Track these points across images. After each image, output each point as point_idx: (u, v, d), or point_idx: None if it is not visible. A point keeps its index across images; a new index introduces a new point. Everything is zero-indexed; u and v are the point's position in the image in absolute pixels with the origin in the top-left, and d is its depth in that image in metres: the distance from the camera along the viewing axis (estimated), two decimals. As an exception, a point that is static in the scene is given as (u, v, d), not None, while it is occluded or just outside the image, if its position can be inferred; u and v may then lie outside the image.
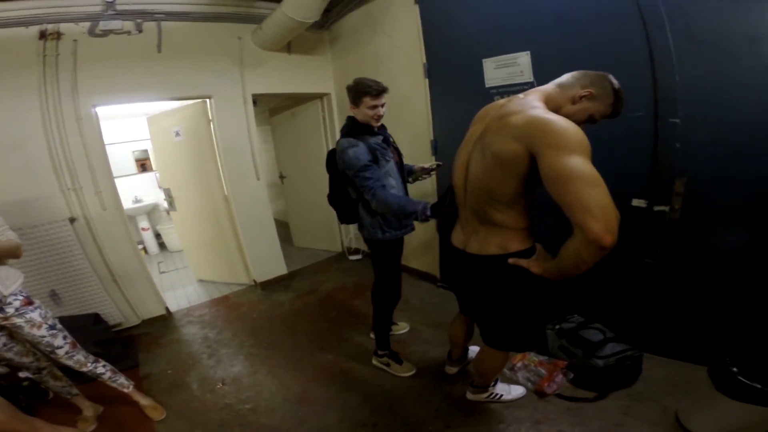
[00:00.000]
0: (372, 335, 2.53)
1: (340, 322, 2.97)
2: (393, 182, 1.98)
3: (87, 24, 2.79)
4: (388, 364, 2.33)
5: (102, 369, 2.02)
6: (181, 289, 4.12)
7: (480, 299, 1.57)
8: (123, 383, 2.10)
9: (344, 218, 2.19)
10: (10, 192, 2.66)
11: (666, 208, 1.88)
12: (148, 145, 5.33)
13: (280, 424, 2.01)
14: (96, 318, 2.88)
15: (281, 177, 4.90)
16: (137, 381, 2.40)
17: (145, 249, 5.41)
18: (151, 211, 5.59)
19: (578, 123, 1.18)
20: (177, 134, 3.68)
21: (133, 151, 5.44)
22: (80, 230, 2.93)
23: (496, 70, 2.41)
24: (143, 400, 2.16)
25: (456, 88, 2.73)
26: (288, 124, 4.55)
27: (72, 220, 2.89)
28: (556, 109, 1.23)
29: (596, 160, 1.05)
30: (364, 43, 3.44)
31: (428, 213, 1.66)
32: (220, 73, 3.35)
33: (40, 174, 2.78)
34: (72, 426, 2.00)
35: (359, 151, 1.83)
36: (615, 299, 2.22)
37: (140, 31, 2.97)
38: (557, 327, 2.22)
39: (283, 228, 5.08)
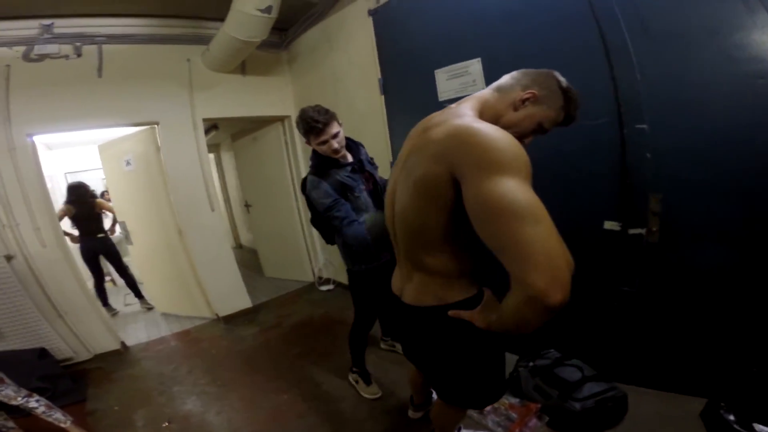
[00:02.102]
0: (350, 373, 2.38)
1: (303, 358, 2.75)
2: (364, 218, 1.85)
3: (21, 48, 2.64)
4: (357, 381, 2.29)
5: (35, 403, 1.95)
6: (143, 322, 3.87)
7: (421, 354, 1.30)
8: (59, 418, 2.01)
9: (329, 239, 2.14)
10: None
11: (642, 231, 1.69)
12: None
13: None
14: (41, 352, 2.70)
15: (246, 205, 4.72)
16: (82, 416, 2.29)
17: (113, 281, 5.11)
18: (119, 243, 5.35)
19: (525, 134, 1.01)
20: (128, 163, 3.49)
21: (102, 179, 5.16)
22: (18, 267, 2.71)
23: (448, 81, 2.27)
24: (82, 436, 2.00)
25: (411, 103, 2.57)
26: (250, 150, 4.38)
27: (9, 258, 2.66)
28: (495, 119, 0.99)
29: (560, 176, 0.81)
30: (321, 61, 3.32)
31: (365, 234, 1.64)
32: (168, 97, 3.20)
33: None
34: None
35: (322, 193, 1.78)
36: (593, 332, 2.01)
37: (79, 55, 2.83)
38: (531, 364, 2.00)
39: (255, 257, 4.89)
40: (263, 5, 2.40)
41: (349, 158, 1.88)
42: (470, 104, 1.02)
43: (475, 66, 2.12)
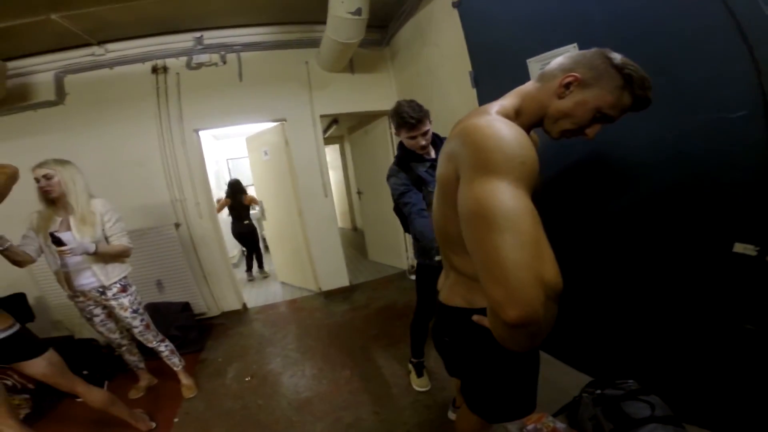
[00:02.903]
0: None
1: (376, 341, 2.92)
2: None
3: (184, 58, 3.43)
4: (410, 372, 2.37)
5: (163, 348, 2.42)
6: (264, 288, 4.65)
7: (448, 354, 1.28)
8: (175, 362, 2.48)
9: (406, 228, 2.20)
10: (134, 200, 3.41)
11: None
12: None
13: (269, 424, 2.11)
14: (184, 306, 3.43)
15: (359, 193, 5.13)
16: (194, 363, 2.84)
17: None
18: (260, 218, 6.42)
19: (582, 123, 0.90)
20: (265, 153, 4.19)
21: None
22: (182, 234, 3.56)
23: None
24: (184, 380, 2.51)
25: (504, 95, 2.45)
26: (362, 142, 4.73)
27: (177, 225, 3.53)
28: (540, 111, 0.93)
29: (680, 184, 0.70)
30: (416, 56, 3.38)
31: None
32: (292, 96, 3.69)
33: (156, 187, 3.49)
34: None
35: (398, 181, 1.87)
36: (692, 369, 1.64)
37: (224, 63, 3.51)
38: (598, 392, 1.76)
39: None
40: (353, 8, 2.58)
41: (432, 154, 1.93)
42: (505, 100, 0.96)
43: (570, 53, 1.91)
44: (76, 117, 3.32)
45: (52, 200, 2.01)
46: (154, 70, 3.38)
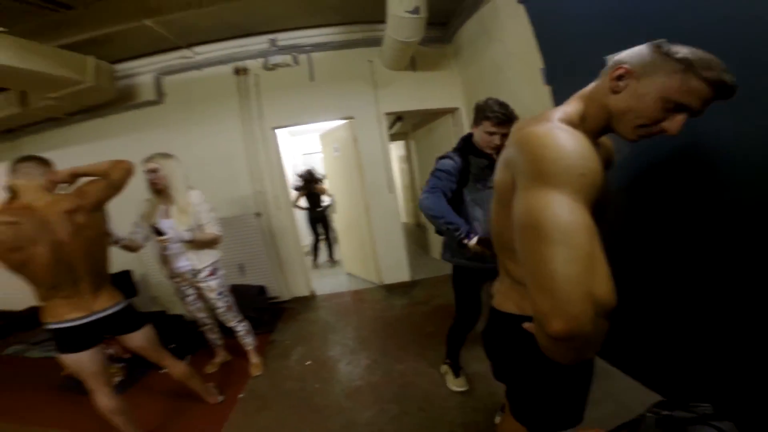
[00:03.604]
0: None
1: (430, 338, 2.93)
2: (478, 214, 1.84)
3: (261, 60, 3.72)
4: (446, 373, 2.36)
5: (240, 328, 2.68)
6: (332, 277, 4.93)
7: (496, 360, 1.27)
8: (247, 342, 2.73)
9: (438, 231, 2.21)
10: (221, 192, 3.81)
11: None
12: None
13: (322, 408, 2.26)
14: (261, 289, 3.78)
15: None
16: (264, 344, 3.12)
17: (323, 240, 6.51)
18: (330, 212, 6.71)
19: (654, 117, 0.79)
20: (336, 149, 4.40)
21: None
22: (262, 223, 3.91)
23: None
24: (253, 359, 2.76)
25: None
26: (426, 139, 4.75)
27: (258, 215, 3.88)
28: (603, 112, 0.86)
29: None
30: (481, 54, 3.28)
31: (471, 237, 1.57)
32: (358, 95, 3.82)
33: (240, 180, 3.88)
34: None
35: (447, 163, 1.85)
36: None
37: (297, 63, 3.75)
38: (665, 413, 1.65)
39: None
40: (411, 6, 2.58)
41: (494, 157, 1.87)
42: (568, 106, 0.91)
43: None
44: (173, 115, 3.80)
45: (158, 191, 2.33)
46: (236, 71, 3.72)
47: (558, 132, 0.76)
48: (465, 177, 1.84)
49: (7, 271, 1.61)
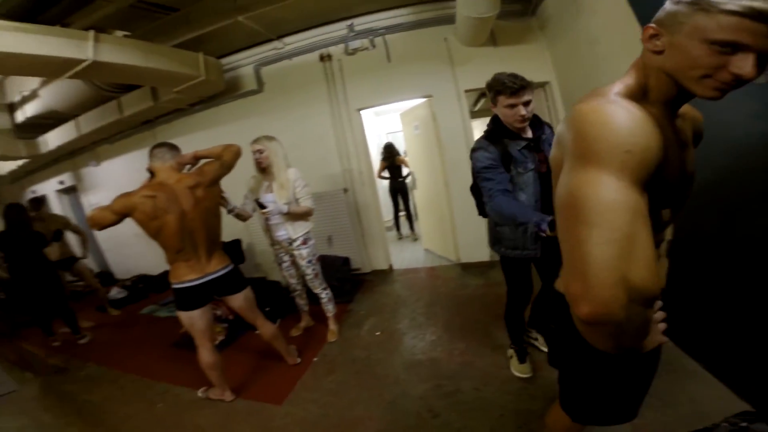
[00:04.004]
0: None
1: (499, 320, 2.79)
2: (524, 197, 1.80)
3: (342, 45, 3.91)
4: (511, 357, 2.33)
5: (324, 295, 2.99)
6: (410, 252, 5.12)
7: (552, 342, 1.27)
8: (329, 309, 3.06)
9: (481, 212, 2.20)
10: (314, 169, 4.19)
11: None
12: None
13: (381, 377, 2.47)
14: (345, 260, 4.14)
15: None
16: (342, 312, 3.44)
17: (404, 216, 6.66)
18: (410, 188, 6.69)
19: (716, 65, 0.68)
20: (416, 128, 4.44)
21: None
22: (349, 198, 4.23)
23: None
24: (332, 326, 3.08)
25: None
26: None
27: (345, 190, 4.21)
28: (663, 76, 0.77)
29: None
30: (570, 25, 2.98)
31: (543, 227, 1.52)
32: (435, 73, 3.77)
33: (330, 158, 4.22)
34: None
35: (483, 155, 1.78)
36: None
37: (374, 46, 3.85)
38: (742, 425, 1.51)
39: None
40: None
41: (529, 134, 1.84)
42: (629, 77, 0.84)
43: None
44: (272, 102, 4.23)
45: (263, 169, 2.71)
46: (321, 58, 3.97)
47: (607, 107, 0.72)
48: (507, 163, 1.78)
49: (148, 236, 2.07)
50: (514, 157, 1.78)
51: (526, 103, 1.70)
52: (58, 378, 3.20)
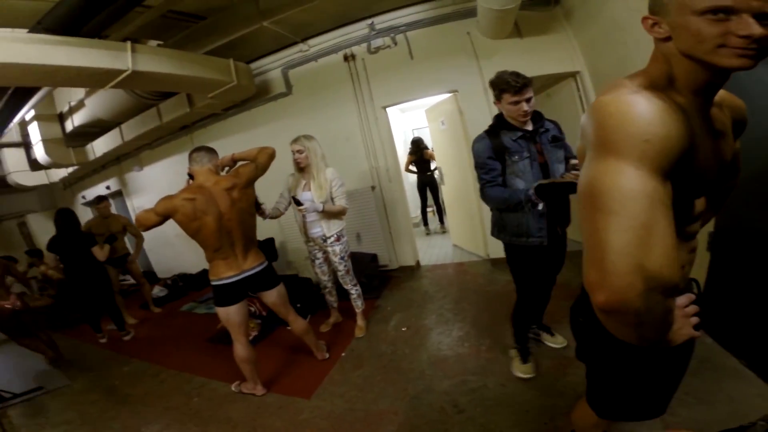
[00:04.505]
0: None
1: None
2: (522, 184, 1.87)
3: (364, 45, 3.95)
4: (513, 357, 2.31)
5: (354, 291, 3.04)
6: (438, 248, 5.09)
7: (580, 336, 1.23)
8: (358, 305, 3.10)
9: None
10: (343, 168, 4.12)
11: None
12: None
13: (406, 371, 2.49)
14: (373, 257, 4.19)
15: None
16: (370, 308, 3.48)
17: (433, 211, 6.53)
18: (439, 182, 6.68)
19: (726, 31, 0.66)
20: (442, 123, 4.41)
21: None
22: (376, 195, 4.28)
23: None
24: (360, 321, 3.13)
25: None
26: (545, 106, 4.27)
27: (373, 188, 4.27)
28: (684, 60, 0.74)
29: None
30: (597, 12, 2.90)
31: (531, 193, 1.67)
32: (460, 68, 3.72)
33: (358, 156, 4.28)
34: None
35: (481, 149, 1.92)
36: None
37: (395, 44, 3.87)
38: None
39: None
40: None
41: (529, 127, 1.94)
42: (650, 68, 0.83)
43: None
44: (300, 104, 4.35)
45: (301, 168, 2.80)
46: (345, 58, 4.03)
47: (626, 97, 0.72)
48: (501, 153, 1.88)
49: (188, 236, 2.19)
50: (508, 147, 1.88)
51: (528, 100, 1.82)
52: (105, 373, 3.41)
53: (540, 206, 1.73)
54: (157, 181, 5.89)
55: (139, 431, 2.45)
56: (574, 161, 1.90)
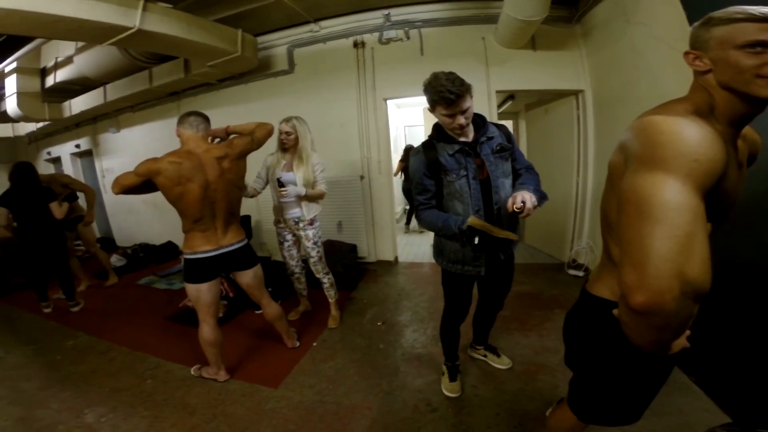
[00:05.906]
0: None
1: (505, 322, 2.81)
2: (459, 208, 1.69)
3: (376, 34, 3.88)
4: (443, 373, 2.23)
5: (326, 280, 2.92)
6: (416, 246, 5.13)
7: (573, 342, 1.24)
8: (331, 294, 2.99)
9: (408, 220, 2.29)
10: (334, 154, 4.19)
11: None
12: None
13: (380, 367, 2.43)
14: (352, 248, 4.13)
15: (529, 170, 4.86)
16: (345, 300, 3.41)
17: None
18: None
19: (760, 62, 0.74)
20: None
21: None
22: (364, 185, 4.21)
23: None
24: (333, 311, 3.03)
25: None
26: (541, 121, 4.43)
27: (362, 177, 4.20)
28: (722, 92, 0.82)
29: None
30: (618, 36, 2.95)
31: (462, 225, 1.56)
32: (468, 71, 3.55)
33: (351, 144, 4.20)
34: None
35: (414, 164, 1.74)
36: None
37: (408, 38, 3.82)
38: (734, 429, 1.44)
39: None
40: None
41: (470, 137, 1.69)
42: (694, 96, 0.88)
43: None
44: (300, 84, 4.23)
45: (285, 148, 2.69)
46: (355, 44, 3.95)
47: (677, 119, 0.76)
48: (436, 171, 1.68)
49: (169, 201, 2.03)
50: (443, 164, 1.66)
51: (464, 111, 1.55)
52: (47, 346, 3.04)
53: (476, 240, 1.61)
54: (132, 144, 5.62)
55: (81, 413, 2.15)
56: (520, 182, 1.74)
